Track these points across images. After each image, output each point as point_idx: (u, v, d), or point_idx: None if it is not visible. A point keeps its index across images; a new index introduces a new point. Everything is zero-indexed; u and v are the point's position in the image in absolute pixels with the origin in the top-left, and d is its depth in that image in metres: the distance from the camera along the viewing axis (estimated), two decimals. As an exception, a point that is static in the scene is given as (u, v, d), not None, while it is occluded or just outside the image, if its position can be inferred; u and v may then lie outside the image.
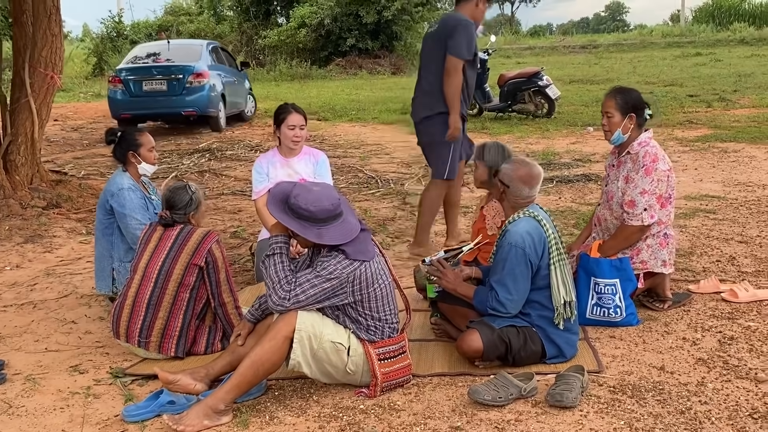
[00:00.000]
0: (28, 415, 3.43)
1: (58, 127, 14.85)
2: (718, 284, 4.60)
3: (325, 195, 3.42)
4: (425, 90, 5.57)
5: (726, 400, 3.27)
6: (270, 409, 3.38)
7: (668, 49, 32.20)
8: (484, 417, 3.20)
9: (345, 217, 3.45)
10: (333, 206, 3.39)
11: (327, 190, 3.48)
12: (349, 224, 3.44)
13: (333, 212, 3.39)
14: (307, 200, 3.37)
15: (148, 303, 3.95)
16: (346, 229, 3.41)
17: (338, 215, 3.42)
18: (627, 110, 4.26)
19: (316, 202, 3.37)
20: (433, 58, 5.48)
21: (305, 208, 3.35)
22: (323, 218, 3.36)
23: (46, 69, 7.66)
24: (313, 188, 3.46)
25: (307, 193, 3.40)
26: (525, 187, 3.78)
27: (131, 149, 4.71)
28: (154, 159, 4.82)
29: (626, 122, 4.26)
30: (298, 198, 3.38)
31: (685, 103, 14.37)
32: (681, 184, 7.62)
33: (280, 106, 5.17)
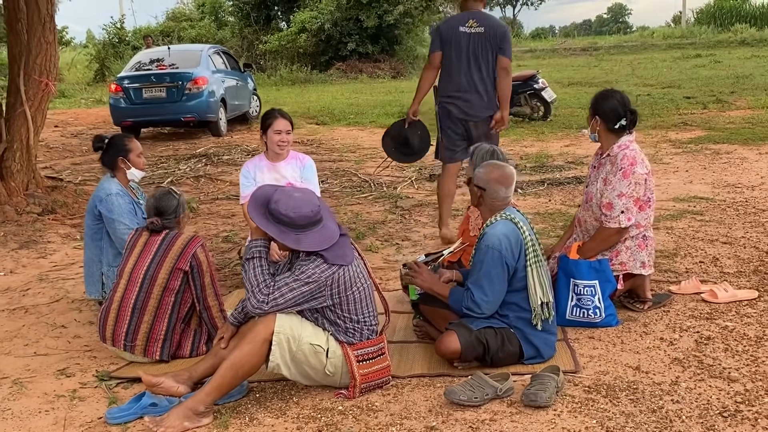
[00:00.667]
0: (14, 418, 3.49)
1: (58, 133, 14.93)
2: (698, 285, 4.65)
3: (306, 201, 3.47)
4: (480, 90, 5.89)
5: (698, 399, 3.32)
6: (250, 410, 3.44)
7: (669, 50, 32.26)
8: (459, 417, 3.26)
9: (324, 223, 3.50)
10: (312, 213, 3.44)
11: (307, 197, 3.53)
12: (329, 230, 3.49)
13: (312, 219, 3.44)
14: (288, 206, 3.42)
15: (134, 307, 4.01)
16: (325, 236, 3.46)
17: (317, 221, 3.47)
18: (594, 112, 4.40)
19: (296, 208, 3.42)
20: (485, 59, 5.85)
21: (285, 213, 3.41)
22: (302, 224, 3.42)
23: (41, 76, 7.74)
24: (294, 194, 3.51)
25: (288, 199, 3.45)
26: (501, 187, 3.84)
27: (120, 155, 4.78)
28: (143, 165, 4.89)
29: (593, 123, 4.38)
30: (279, 203, 3.43)
31: (681, 105, 14.42)
32: (670, 186, 7.69)
33: (266, 112, 5.24)
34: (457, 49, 5.87)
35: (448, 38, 5.92)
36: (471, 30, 5.86)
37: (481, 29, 5.85)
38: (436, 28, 6.23)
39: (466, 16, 5.94)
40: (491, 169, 3.87)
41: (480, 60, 5.85)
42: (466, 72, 5.89)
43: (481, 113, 5.94)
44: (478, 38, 5.83)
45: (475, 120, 5.95)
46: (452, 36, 5.90)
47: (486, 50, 5.84)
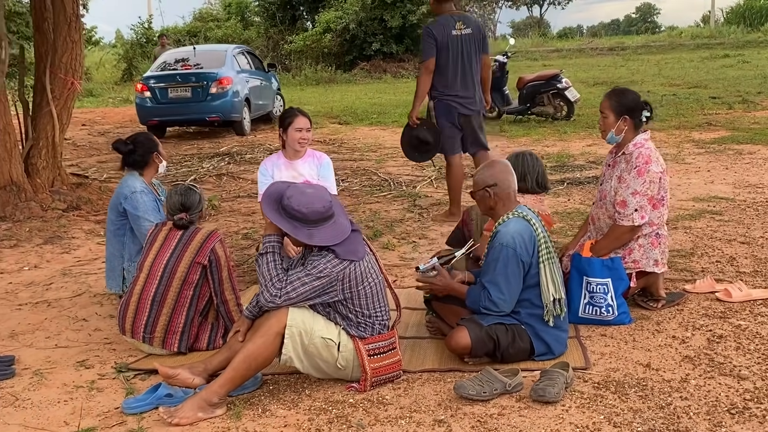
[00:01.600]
0: (33, 407, 3.58)
1: (86, 131, 15.15)
2: (713, 284, 4.65)
3: (318, 197, 3.53)
4: (475, 87, 6.64)
5: (706, 396, 3.32)
6: (263, 402, 3.50)
7: (697, 50, 31.92)
8: (468, 411, 3.30)
9: (336, 219, 3.56)
10: (324, 209, 3.50)
11: (320, 193, 3.58)
12: (340, 226, 3.55)
13: (324, 214, 3.50)
14: (300, 202, 3.48)
15: (153, 300, 4.09)
16: (337, 231, 3.52)
17: (329, 217, 3.52)
18: (621, 112, 4.33)
19: (309, 204, 3.48)
20: (476, 58, 6.59)
21: (297, 209, 3.47)
22: (314, 220, 3.48)
23: (66, 75, 7.89)
24: (306, 190, 3.57)
25: (300, 195, 3.51)
26: (509, 176, 3.88)
27: (153, 150, 4.88)
28: (166, 156, 5.04)
29: (620, 123, 4.33)
30: (291, 199, 3.49)
31: (706, 105, 14.30)
32: (691, 186, 7.66)
33: (286, 110, 5.32)
34: (453, 52, 6.45)
35: (444, 43, 6.43)
36: (461, 32, 6.46)
37: (468, 30, 6.50)
38: (430, 33, 6.52)
39: (453, 19, 6.49)
40: (492, 166, 3.93)
41: (472, 59, 6.54)
42: (462, 72, 6.51)
43: (478, 107, 6.70)
44: (467, 39, 6.49)
45: (472, 115, 6.67)
46: (446, 40, 6.42)
47: (474, 50, 6.55)
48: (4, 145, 7.33)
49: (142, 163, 4.89)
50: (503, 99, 13.85)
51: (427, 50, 6.46)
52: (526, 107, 13.53)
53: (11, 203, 7.37)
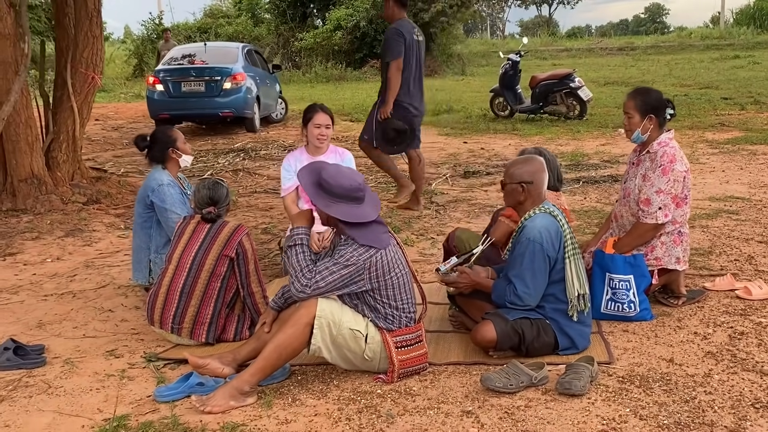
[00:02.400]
0: (66, 395, 3.65)
1: (99, 126, 15.24)
2: (733, 282, 4.70)
3: (348, 176, 3.63)
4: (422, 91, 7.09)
5: (730, 391, 3.38)
6: (293, 391, 3.56)
7: (707, 51, 31.94)
8: (495, 403, 3.36)
9: (363, 205, 3.62)
10: (350, 186, 3.58)
11: (354, 175, 3.68)
12: (363, 210, 3.61)
13: (349, 192, 3.58)
14: (330, 174, 3.61)
15: (182, 291, 4.16)
16: (357, 213, 3.58)
17: (355, 198, 3.60)
18: (646, 111, 4.38)
19: (337, 176, 3.59)
20: (423, 64, 7.08)
21: (325, 179, 3.59)
22: (338, 194, 3.56)
23: (87, 69, 7.97)
24: (343, 169, 3.70)
25: (335, 170, 3.65)
26: (544, 175, 3.95)
27: (169, 146, 4.94)
28: (189, 150, 5.09)
29: (645, 123, 4.38)
30: (322, 172, 3.62)
31: (719, 106, 14.34)
32: (707, 186, 7.70)
33: (308, 106, 5.37)
34: (414, 57, 6.80)
35: (410, 45, 6.74)
36: (419, 38, 6.84)
37: (421, 38, 6.94)
38: (400, 33, 6.78)
39: (411, 24, 6.87)
40: (531, 162, 3.96)
41: (422, 65, 6.99)
42: (418, 77, 6.93)
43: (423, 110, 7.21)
44: (421, 46, 6.91)
45: (419, 116, 7.12)
46: (412, 43, 6.73)
47: (423, 56, 7.00)
48: (25, 139, 7.40)
49: (161, 159, 4.96)
50: (516, 98, 13.91)
51: (398, 49, 6.71)
52: (539, 106, 13.58)
53: (32, 196, 7.45)
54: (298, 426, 3.23)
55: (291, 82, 25.47)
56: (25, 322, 4.70)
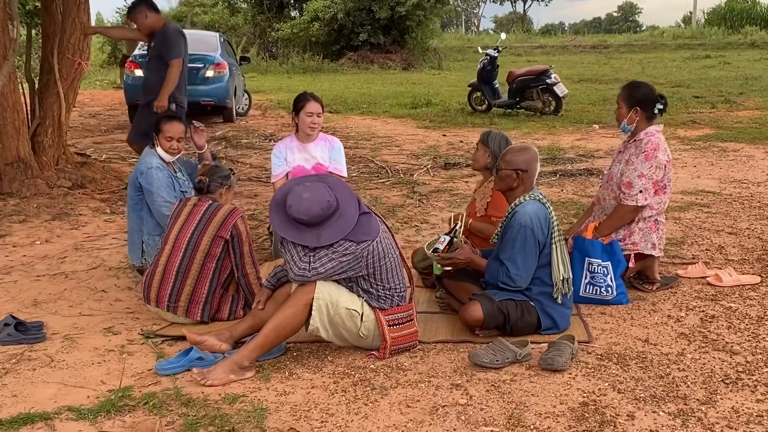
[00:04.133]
0: (69, 368, 3.78)
1: (77, 113, 15.16)
2: (704, 269, 4.95)
3: (315, 201, 3.67)
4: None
5: (702, 368, 3.61)
6: (289, 366, 3.73)
7: (678, 50, 32.45)
8: (482, 377, 3.55)
9: (341, 211, 3.73)
10: (323, 210, 3.66)
11: (317, 195, 3.70)
12: (346, 218, 3.72)
13: (325, 215, 3.68)
14: (299, 210, 3.66)
15: (177, 270, 4.30)
16: (342, 224, 3.70)
17: (332, 214, 3.70)
18: (632, 104, 4.65)
19: (307, 211, 3.65)
20: None
21: (298, 217, 3.68)
22: (317, 222, 3.68)
23: (74, 55, 8.02)
24: (303, 195, 3.69)
25: (299, 203, 3.67)
26: (537, 165, 4.16)
27: (155, 132, 5.07)
28: (170, 148, 5.05)
29: (631, 114, 4.64)
30: (291, 208, 3.69)
31: (690, 104, 14.69)
32: (679, 180, 7.97)
33: (299, 95, 5.51)
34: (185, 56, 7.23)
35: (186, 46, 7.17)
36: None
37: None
38: (182, 33, 7.28)
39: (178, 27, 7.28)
40: (524, 151, 4.17)
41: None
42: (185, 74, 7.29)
43: None
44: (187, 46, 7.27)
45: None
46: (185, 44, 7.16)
47: None
48: (12, 123, 7.44)
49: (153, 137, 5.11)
50: (493, 92, 14.13)
51: (178, 49, 7.10)
52: (516, 101, 13.80)
53: (18, 179, 7.49)
54: (296, 397, 3.40)
55: (268, 72, 25.52)
56: (20, 301, 4.80)
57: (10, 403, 3.38)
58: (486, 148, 4.79)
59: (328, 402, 3.35)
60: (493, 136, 4.83)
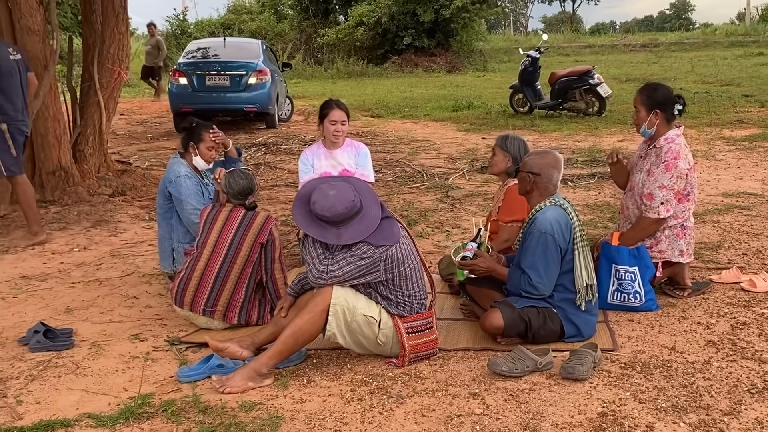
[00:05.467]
0: (93, 375, 3.85)
1: (124, 120, 15.51)
2: (738, 274, 4.81)
3: (339, 199, 3.69)
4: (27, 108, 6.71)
5: (728, 377, 3.51)
6: (308, 374, 3.74)
7: (731, 48, 31.75)
8: (500, 386, 3.51)
9: (365, 212, 3.74)
10: (346, 209, 3.68)
11: (342, 194, 3.73)
12: (368, 219, 3.73)
13: (348, 214, 3.69)
14: (323, 207, 3.68)
15: (217, 276, 4.35)
16: (364, 226, 3.71)
17: (355, 214, 3.71)
18: (652, 106, 4.52)
19: (331, 208, 3.67)
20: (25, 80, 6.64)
21: (321, 214, 3.69)
22: (339, 221, 3.69)
23: (113, 65, 8.19)
24: (329, 193, 3.73)
25: (323, 200, 3.70)
26: (555, 171, 4.08)
27: (193, 140, 5.12)
28: (210, 158, 5.15)
29: (651, 117, 4.52)
30: (315, 205, 3.71)
31: (739, 103, 14.34)
32: (721, 182, 7.79)
33: (324, 103, 5.52)
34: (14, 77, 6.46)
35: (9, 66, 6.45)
36: (16, 56, 6.55)
37: (18, 56, 6.61)
38: None
39: (4, 45, 6.61)
40: (544, 155, 4.12)
41: (23, 82, 6.59)
42: (19, 94, 6.53)
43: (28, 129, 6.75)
44: (20, 63, 6.58)
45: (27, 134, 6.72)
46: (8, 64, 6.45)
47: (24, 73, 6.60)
48: (53, 132, 7.63)
49: (184, 145, 5.15)
50: (535, 94, 14.00)
51: None
52: (558, 102, 13.65)
53: (60, 188, 7.67)
54: (312, 405, 3.40)
55: (313, 78, 25.70)
56: (54, 308, 4.90)
57: (33, 410, 3.45)
58: (505, 153, 4.74)
59: (343, 410, 3.35)
60: (512, 139, 4.78)
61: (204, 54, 14.59)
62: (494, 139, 5.02)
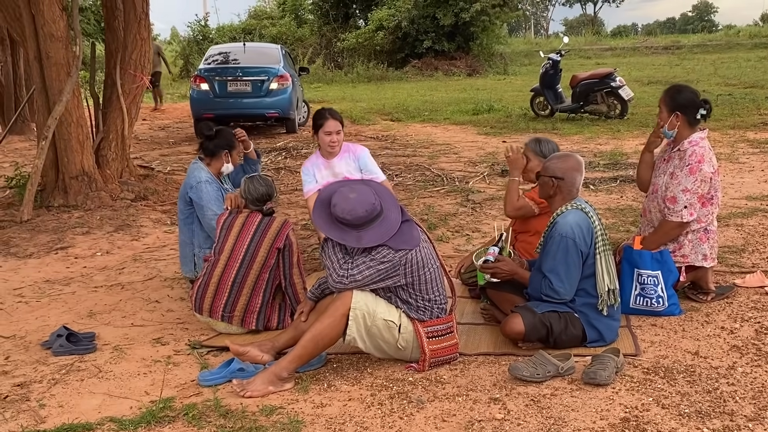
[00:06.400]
0: (115, 379, 3.87)
1: (146, 126, 15.63)
2: (763, 279, 4.76)
3: (360, 202, 3.69)
4: None
5: (753, 383, 3.47)
6: (328, 378, 3.74)
7: (754, 50, 31.44)
8: (522, 391, 3.49)
9: (385, 215, 3.74)
10: (367, 212, 3.68)
11: (363, 197, 3.73)
12: (388, 222, 3.73)
13: (368, 217, 3.68)
14: (344, 210, 3.68)
15: (234, 282, 4.37)
16: (385, 229, 3.70)
17: (376, 217, 3.71)
18: (673, 108, 4.49)
19: (352, 211, 3.67)
20: None
21: (342, 216, 3.68)
22: (360, 224, 3.68)
23: (135, 71, 8.25)
24: (350, 196, 3.73)
25: (344, 203, 3.70)
26: (577, 174, 4.06)
27: (227, 149, 5.14)
28: (236, 163, 5.27)
29: (672, 119, 4.48)
30: (336, 207, 3.70)
31: (762, 105, 14.20)
32: (745, 185, 7.71)
33: (317, 112, 5.50)
34: None
35: None
36: None
37: None
38: None
39: None
40: (566, 159, 4.09)
41: None
42: None
43: None
44: None
45: None
46: None
47: None
48: (76, 137, 7.70)
49: (211, 153, 5.15)
50: (556, 97, 13.93)
51: None
52: (579, 105, 13.57)
53: (83, 192, 7.74)
54: (332, 410, 3.40)
55: (333, 82, 25.74)
56: (77, 312, 4.94)
57: (56, 414, 3.47)
58: (539, 157, 4.69)
59: (363, 415, 3.34)
60: (545, 142, 4.75)
61: (224, 59, 14.59)
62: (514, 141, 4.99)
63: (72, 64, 7.46)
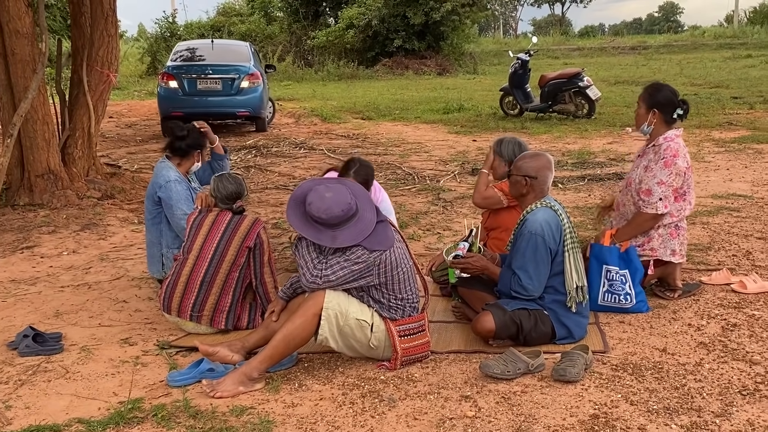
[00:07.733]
0: (83, 379, 3.82)
1: (113, 123, 15.46)
2: (729, 276, 4.83)
3: (336, 201, 3.66)
4: None
5: (719, 379, 3.51)
6: (299, 377, 3.72)
7: (719, 50, 31.95)
8: (492, 388, 3.50)
9: (360, 215, 3.72)
10: (343, 212, 3.65)
11: (339, 196, 3.69)
12: (363, 223, 3.70)
13: (344, 217, 3.66)
14: (320, 209, 3.64)
15: (202, 281, 4.32)
16: (360, 229, 3.68)
17: (351, 217, 3.69)
18: (651, 105, 4.56)
19: (327, 210, 3.64)
20: None
21: (317, 215, 3.65)
22: (336, 223, 3.66)
23: (102, 68, 8.15)
24: (325, 195, 3.68)
25: (320, 202, 3.66)
26: (549, 173, 4.10)
27: (199, 149, 5.10)
28: (204, 161, 5.26)
29: (650, 116, 4.54)
30: (311, 206, 3.67)
31: (728, 105, 14.41)
32: (710, 183, 7.81)
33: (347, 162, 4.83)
34: None
35: None
36: None
37: None
38: None
39: None
40: (537, 158, 4.12)
41: None
42: None
43: None
44: None
45: None
46: None
47: None
48: (42, 135, 7.58)
49: (183, 153, 5.09)
50: (525, 97, 14.02)
51: None
52: (548, 105, 13.67)
53: (48, 191, 7.63)
54: (303, 409, 3.39)
55: (303, 80, 25.67)
56: (43, 312, 4.87)
57: (23, 415, 3.42)
58: (498, 156, 4.74)
59: (335, 414, 3.33)
60: (506, 143, 4.77)
61: (191, 55, 14.32)
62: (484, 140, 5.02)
63: (38, 61, 7.34)
